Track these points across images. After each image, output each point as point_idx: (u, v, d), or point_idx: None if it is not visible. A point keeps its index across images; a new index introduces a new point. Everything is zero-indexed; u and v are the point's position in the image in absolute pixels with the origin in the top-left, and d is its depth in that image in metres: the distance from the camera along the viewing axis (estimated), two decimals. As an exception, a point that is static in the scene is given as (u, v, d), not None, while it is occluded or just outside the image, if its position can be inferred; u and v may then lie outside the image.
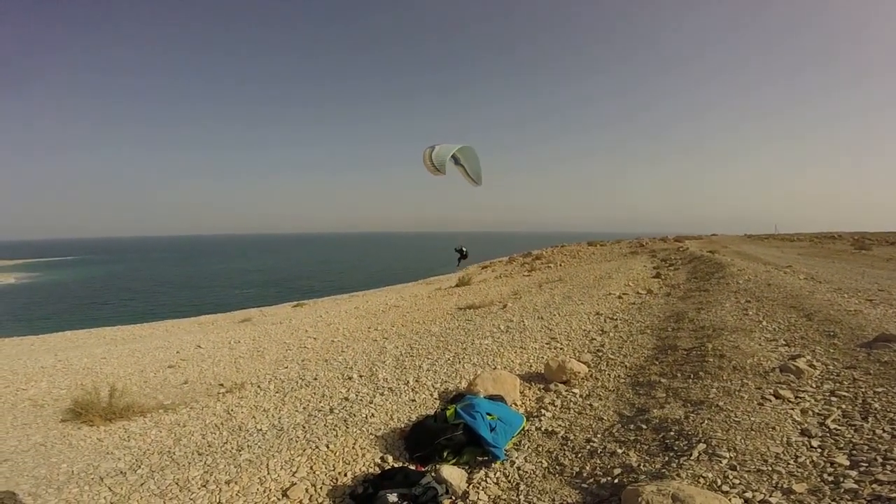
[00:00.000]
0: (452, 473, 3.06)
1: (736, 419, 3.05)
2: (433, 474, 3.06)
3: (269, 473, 3.27)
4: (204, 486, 3.17)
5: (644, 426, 3.30)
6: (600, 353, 5.53)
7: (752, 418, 3.03)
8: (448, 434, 3.33)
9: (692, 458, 2.65)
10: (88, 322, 20.97)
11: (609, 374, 4.75)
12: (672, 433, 3.06)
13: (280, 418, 4.54)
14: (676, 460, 2.68)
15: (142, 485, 3.25)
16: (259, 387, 5.70)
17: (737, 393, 3.52)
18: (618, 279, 11.86)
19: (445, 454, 3.29)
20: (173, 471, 3.44)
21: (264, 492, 3.08)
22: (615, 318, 7.38)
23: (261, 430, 4.26)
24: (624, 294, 9.49)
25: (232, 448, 3.85)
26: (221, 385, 5.97)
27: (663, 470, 2.61)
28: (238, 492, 3.07)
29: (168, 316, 19.63)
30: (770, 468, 2.43)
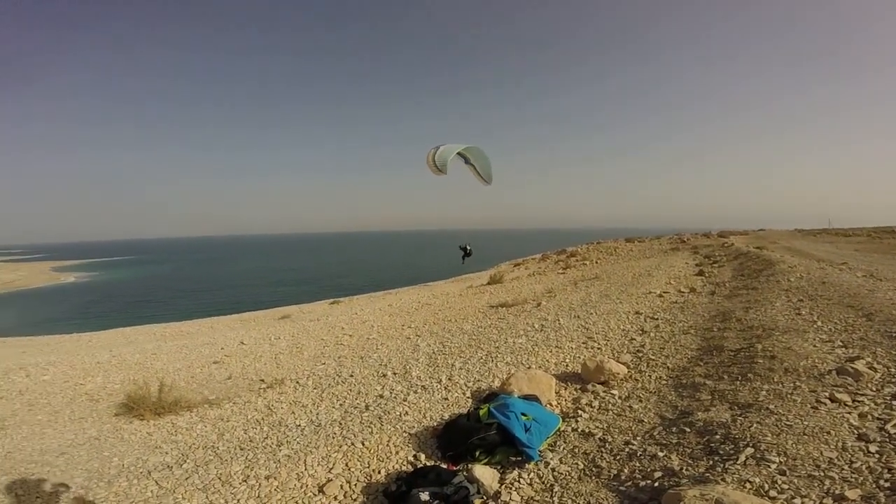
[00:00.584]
0: (484, 473, 3.02)
1: (787, 423, 2.89)
2: (465, 474, 3.04)
3: (306, 469, 3.35)
4: (245, 481, 3.28)
5: (687, 429, 3.16)
6: (640, 354, 5.32)
7: (805, 422, 2.86)
8: (481, 434, 3.29)
9: (739, 462, 2.53)
10: (140, 319, 22.38)
11: (650, 376, 4.56)
12: (718, 437, 2.92)
13: (318, 414, 4.66)
14: (721, 464, 2.56)
15: (187, 479, 3.40)
16: (298, 383, 5.88)
17: (789, 396, 3.32)
18: (658, 277, 11.40)
19: (478, 454, 3.26)
20: (216, 465, 3.59)
21: (301, 487, 3.16)
22: (656, 317, 7.09)
23: (299, 425, 4.38)
24: (665, 292, 9.11)
25: (272, 443, 3.97)
26: (262, 380, 6.19)
27: (707, 474, 2.50)
28: (277, 487, 3.16)
29: (213, 313, 20.59)
30: (822, 473, 2.31)
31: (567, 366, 5.32)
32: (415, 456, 3.51)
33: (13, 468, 3.66)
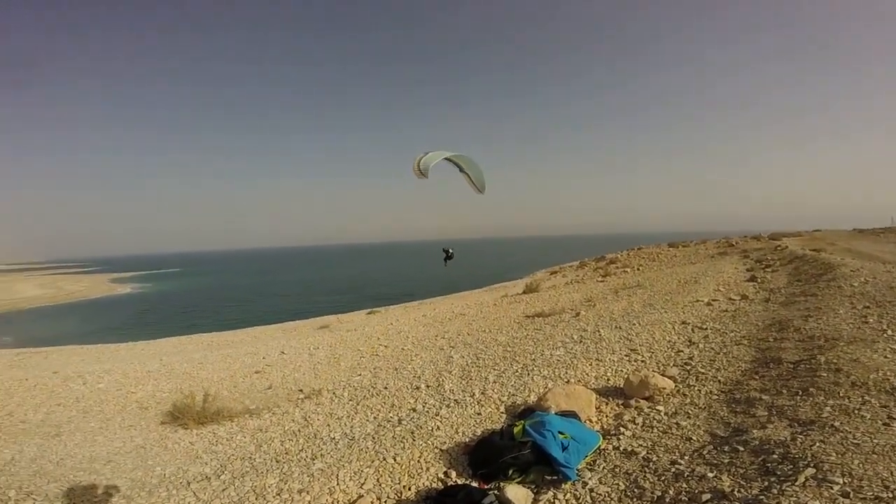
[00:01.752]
0: (517, 493, 2.89)
1: (854, 441, 2.63)
2: (496, 493, 2.92)
3: (338, 484, 3.32)
4: (278, 494, 3.29)
5: (741, 448, 2.92)
6: (689, 367, 4.97)
7: (875, 440, 2.60)
8: (514, 452, 3.16)
9: (797, 483, 2.32)
10: (188, 328, 23.59)
11: (699, 390, 4.24)
12: (775, 456, 2.68)
13: (352, 427, 4.66)
14: (778, 486, 2.35)
15: (223, 490, 3.46)
16: (334, 394, 5.93)
17: (856, 412, 3.01)
18: (706, 284, 10.75)
19: (511, 472, 3.12)
20: (252, 478, 3.63)
21: (333, 503, 3.13)
22: (705, 327, 6.64)
23: (334, 438, 4.39)
24: (714, 300, 8.55)
25: (307, 456, 3.99)
26: (301, 391, 6.30)
27: (761, 496, 2.30)
28: (309, 502, 3.15)
29: (256, 322, 21.35)
30: (891, 495, 2.09)
31: (608, 380, 5.05)
32: (445, 473, 3.41)
33: (63, 475, 3.85)
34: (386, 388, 5.90)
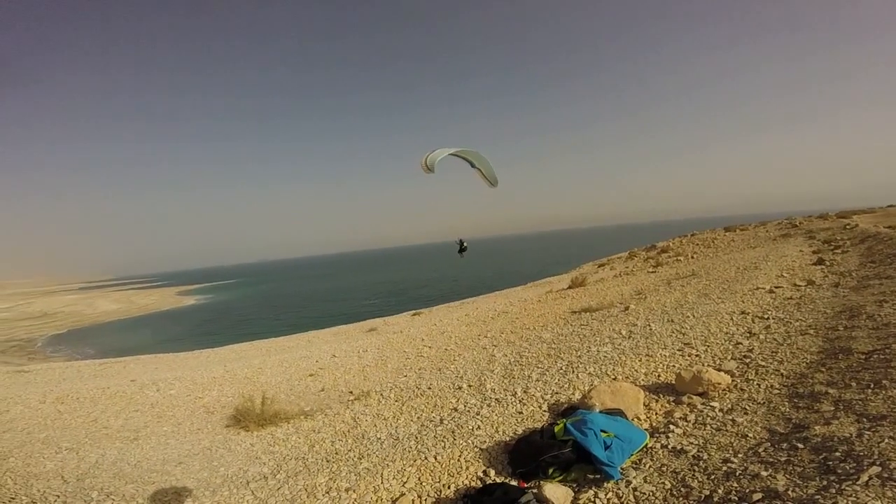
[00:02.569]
0: (556, 492, 2.84)
1: None
2: (534, 492, 2.89)
3: (382, 483, 3.43)
4: (327, 493, 3.44)
5: (801, 445, 2.72)
6: (748, 360, 4.63)
7: None
8: (554, 451, 3.10)
9: (859, 482, 2.16)
10: (248, 335, 25.07)
11: (759, 385, 3.95)
12: (838, 453, 2.49)
13: (397, 427, 4.78)
14: (837, 485, 2.19)
15: (278, 489, 3.66)
16: (382, 395, 6.10)
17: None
18: (767, 269, 9.98)
19: (551, 471, 3.08)
20: (304, 477, 3.82)
21: (377, 501, 3.24)
22: (766, 317, 6.16)
23: (380, 438, 4.52)
24: (777, 287, 7.92)
25: (354, 456, 4.14)
26: (351, 392, 6.54)
27: (817, 496, 2.15)
28: (355, 500, 3.27)
29: (309, 327, 22.32)
30: None
31: (659, 376, 4.82)
32: (485, 472, 3.43)
33: (140, 477, 4.21)
34: (430, 388, 5.99)
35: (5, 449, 4.89)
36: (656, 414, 3.95)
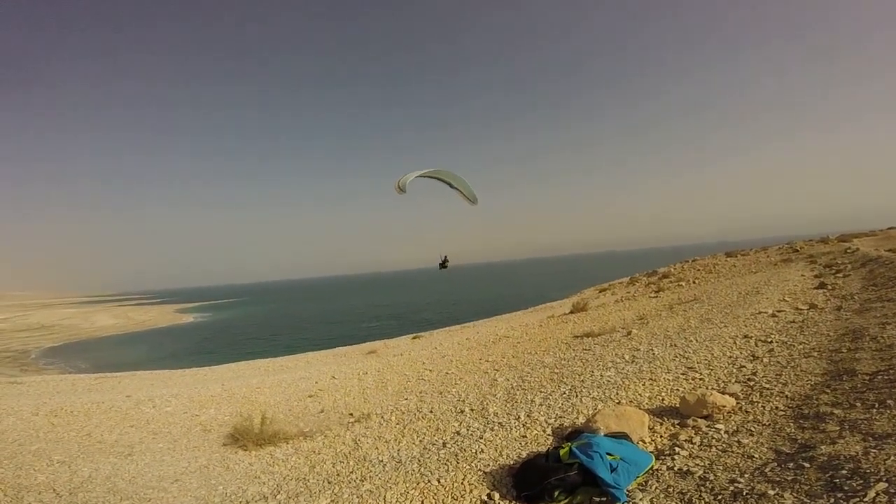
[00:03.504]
0: (562, 516, 2.79)
1: None
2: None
3: (385, 506, 3.37)
4: (329, 514, 3.38)
5: (807, 464, 2.74)
6: (752, 383, 4.64)
7: None
8: (560, 474, 3.07)
9: (866, 499, 2.20)
10: (246, 354, 24.88)
11: (763, 407, 3.96)
12: (844, 472, 2.52)
13: (399, 450, 4.71)
14: (844, 502, 2.25)
15: (278, 510, 3.59)
16: (382, 417, 6.03)
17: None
18: (769, 294, 10.00)
19: (556, 494, 3.04)
20: (306, 498, 3.75)
21: (380, 525, 3.17)
22: (769, 340, 6.17)
23: (382, 461, 4.45)
24: (779, 311, 7.94)
25: (356, 478, 4.08)
26: (351, 414, 6.46)
27: None
28: (358, 523, 3.21)
29: (308, 348, 22.13)
30: None
31: (663, 400, 4.79)
32: (489, 495, 3.38)
33: (135, 493, 4.14)
34: (431, 411, 5.92)
35: None
36: (661, 437, 3.93)
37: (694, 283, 16.17)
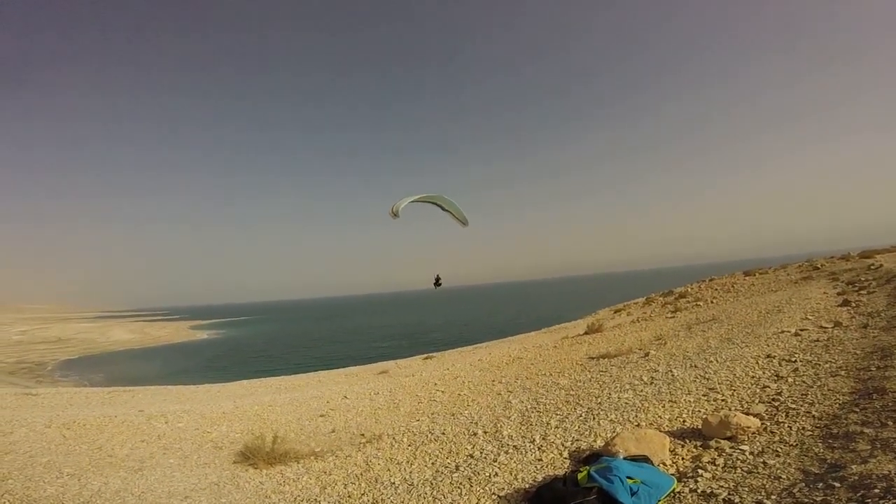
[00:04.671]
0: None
1: None
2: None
3: (397, 529, 3.27)
4: (341, 537, 3.29)
5: (837, 484, 2.64)
6: (777, 403, 4.47)
7: None
8: (578, 498, 2.96)
9: None
10: (258, 372, 24.87)
11: (790, 427, 3.82)
12: (876, 491, 2.42)
13: (411, 473, 4.62)
14: None
15: (290, 530, 3.51)
16: (394, 439, 5.93)
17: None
18: (791, 312, 9.71)
19: (575, 519, 2.91)
20: (317, 519, 3.67)
21: (392, 548, 3.08)
22: (793, 359, 5.96)
23: (394, 483, 4.36)
24: (802, 330, 7.68)
25: (368, 500, 4.01)
26: (362, 435, 6.37)
27: None
28: (370, 546, 3.12)
29: (320, 367, 22.05)
30: None
31: (684, 422, 4.63)
32: (503, 521, 3.26)
33: (144, 509, 4.11)
34: (443, 433, 5.81)
35: (6, 471, 4.81)
36: (683, 459, 3.78)
37: (712, 302, 15.80)
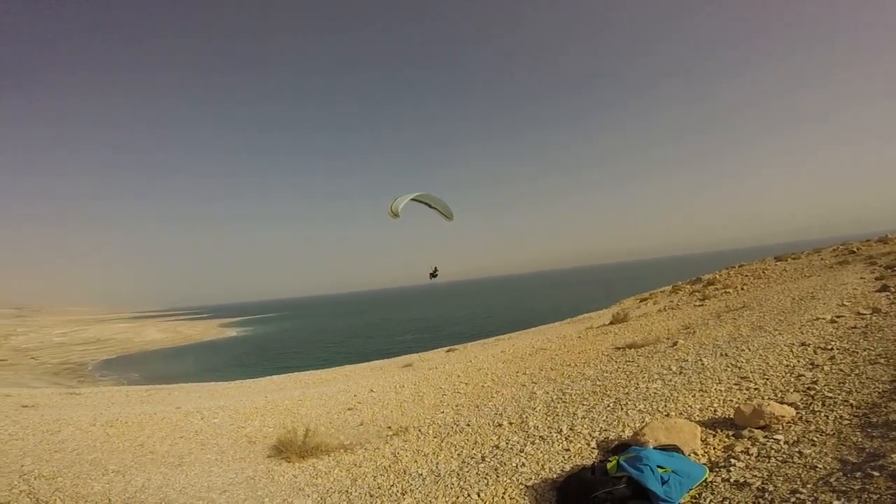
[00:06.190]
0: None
1: None
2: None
3: (426, 519, 3.34)
4: (372, 527, 3.37)
5: (876, 473, 2.58)
6: (813, 392, 4.33)
7: None
8: (608, 487, 2.94)
9: None
10: (285, 368, 25.50)
11: (826, 416, 3.70)
12: None
13: (437, 464, 4.68)
14: None
15: (323, 523, 3.62)
16: (420, 431, 6.01)
17: None
18: (826, 299, 9.33)
19: (603, 508, 2.91)
20: (349, 511, 3.77)
21: (422, 538, 3.14)
22: (829, 347, 5.74)
23: (421, 474, 4.43)
24: (838, 317, 7.38)
25: (397, 491, 4.08)
26: (389, 427, 6.48)
27: None
28: (400, 536, 3.19)
29: (345, 361, 22.45)
30: None
31: (715, 411, 4.54)
32: (530, 509, 3.29)
33: (185, 503, 4.28)
34: (468, 425, 5.85)
35: (55, 469, 5.02)
36: (714, 449, 3.72)
37: (742, 289, 15.32)
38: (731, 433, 3.91)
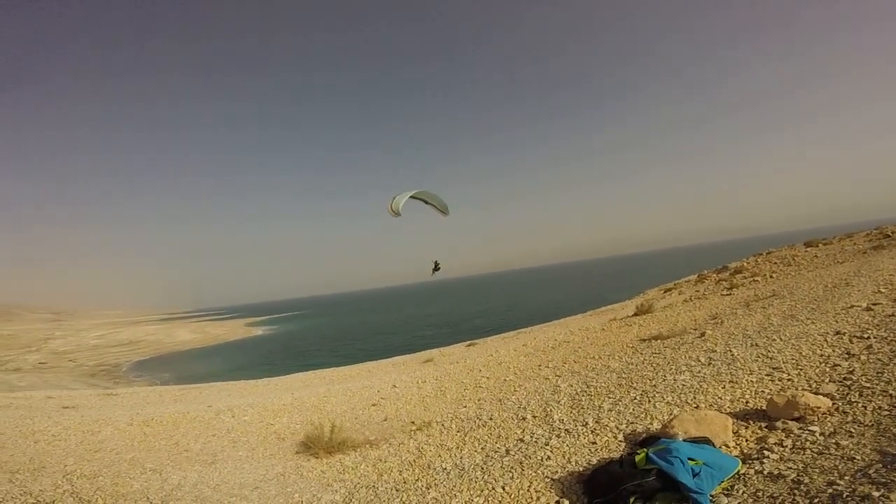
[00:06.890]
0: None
1: None
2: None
3: (451, 513, 3.36)
4: (399, 522, 3.42)
5: None
6: (849, 382, 4.17)
7: None
8: (637, 479, 2.90)
9: None
10: (310, 366, 26.03)
11: (865, 407, 3.57)
12: None
13: (461, 458, 4.70)
14: None
15: (352, 517, 3.68)
16: (443, 425, 6.05)
17: None
18: (860, 285, 8.95)
19: (632, 500, 2.88)
20: (376, 506, 3.82)
21: (448, 531, 3.16)
22: (866, 336, 5.50)
23: (445, 468, 4.46)
24: (875, 304, 7.07)
25: (422, 486, 4.11)
26: (413, 423, 6.53)
27: None
28: (426, 529, 3.22)
29: (368, 358, 22.75)
30: None
31: (747, 402, 4.42)
32: (557, 502, 3.29)
33: (219, 500, 4.41)
34: (491, 419, 5.85)
35: (96, 468, 5.19)
36: (747, 441, 3.63)
37: (771, 277, 14.82)
38: (763, 425, 3.81)
